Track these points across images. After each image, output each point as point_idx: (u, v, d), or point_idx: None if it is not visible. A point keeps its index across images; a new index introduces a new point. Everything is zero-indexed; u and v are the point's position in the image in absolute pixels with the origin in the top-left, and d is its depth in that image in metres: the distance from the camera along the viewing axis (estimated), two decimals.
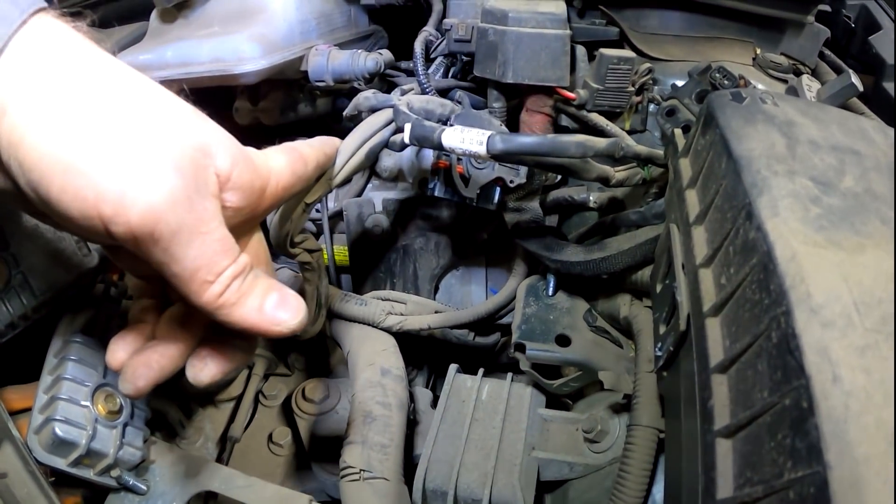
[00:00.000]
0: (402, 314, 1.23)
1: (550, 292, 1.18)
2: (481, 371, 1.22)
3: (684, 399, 0.85)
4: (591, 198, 1.20)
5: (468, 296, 1.39)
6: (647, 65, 1.12)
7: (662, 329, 0.95)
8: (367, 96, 1.15)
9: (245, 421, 1.30)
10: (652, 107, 1.17)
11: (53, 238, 1.08)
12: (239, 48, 1.13)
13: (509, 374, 1.22)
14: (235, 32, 1.15)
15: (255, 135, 1.46)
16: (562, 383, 1.17)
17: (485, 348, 1.34)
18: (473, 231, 1.33)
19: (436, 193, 1.17)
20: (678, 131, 1.02)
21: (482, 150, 0.94)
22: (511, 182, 1.10)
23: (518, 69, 1.05)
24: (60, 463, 0.96)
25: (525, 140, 0.93)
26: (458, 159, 1.11)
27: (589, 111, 1.12)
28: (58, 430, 0.95)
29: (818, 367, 0.54)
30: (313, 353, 1.47)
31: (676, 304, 0.87)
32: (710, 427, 0.71)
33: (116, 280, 1.23)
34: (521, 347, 1.12)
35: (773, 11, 1.18)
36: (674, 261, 0.91)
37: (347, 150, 0.99)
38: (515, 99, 1.14)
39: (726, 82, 1.07)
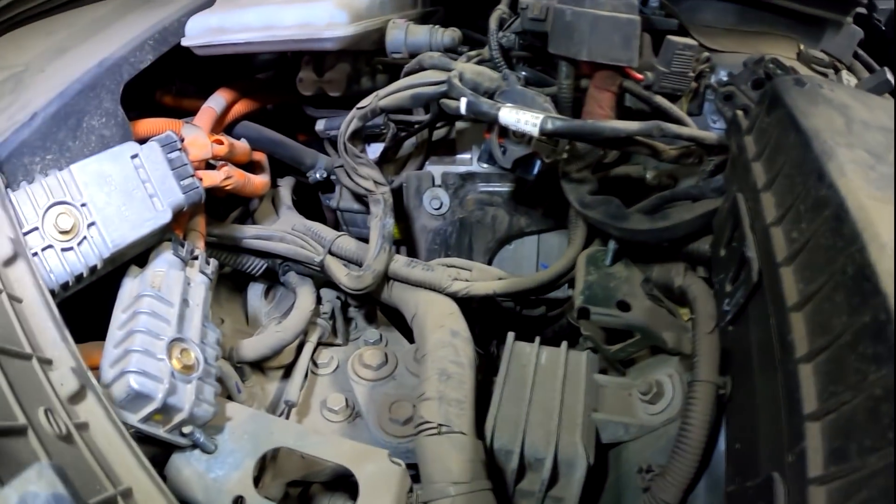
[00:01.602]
0: (467, 280, 1.42)
1: (609, 262, 1.40)
2: (538, 339, 1.42)
3: (757, 343, 1.07)
4: (647, 175, 1.43)
5: (518, 269, 1.59)
6: (706, 53, 1.36)
7: (729, 287, 1.18)
8: (433, 55, 1.38)
9: (300, 386, 1.46)
10: (707, 93, 1.41)
11: (127, 189, 1.22)
12: (327, 14, 1.32)
13: (564, 343, 1.42)
14: None
15: (320, 103, 1.66)
16: (619, 348, 1.37)
17: (531, 319, 1.54)
18: (530, 205, 1.54)
19: (479, 161, 1.39)
20: (740, 113, 1.26)
21: (535, 130, 1.18)
22: (547, 158, 1.31)
23: (593, 48, 1.28)
24: (131, 418, 1.01)
25: (572, 123, 1.21)
26: (499, 131, 1.33)
27: (653, 93, 1.35)
28: (133, 383, 1.02)
29: (892, 287, 0.76)
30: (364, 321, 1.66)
31: (746, 262, 1.10)
32: (790, 357, 0.93)
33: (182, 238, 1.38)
34: (585, 312, 1.33)
35: (817, 10, 1.44)
36: (742, 224, 1.14)
37: (399, 84, 1.28)
38: (583, 76, 1.37)
39: (779, 72, 1.31)
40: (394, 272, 1.43)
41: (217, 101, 1.57)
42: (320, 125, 1.65)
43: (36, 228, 1.11)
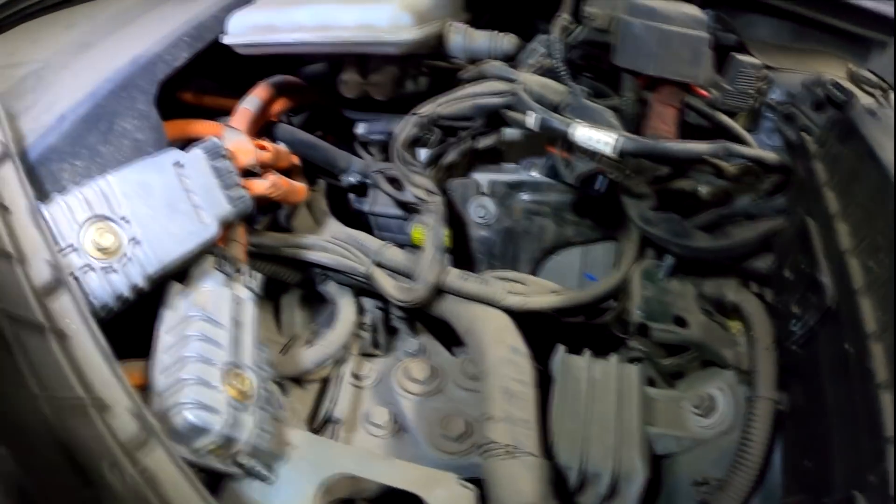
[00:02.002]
0: (522, 294, 1.45)
1: (664, 276, 1.45)
2: (588, 352, 1.47)
3: (829, 364, 1.14)
4: (701, 189, 1.48)
5: (562, 279, 1.63)
6: (766, 72, 1.42)
7: (796, 309, 1.24)
8: (495, 65, 1.40)
9: (346, 401, 1.47)
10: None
11: (170, 201, 1.16)
12: (389, 15, 1.30)
13: (614, 355, 1.47)
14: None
15: (362, 106, 1.65)
16: (673, 362, 1.43)
17: (572, 327, 1.59)
18: (577, 216, 1.58)
19: (542, 175, 1.42)
20: (808, 137, 1.32)
21: (609, 150, 1.22)
22: (613, 175, 1.36)
23: (662, 63, 1.31)
24: (184, 451, 0.96)
25: (646, 145, 1.26)
26: (564, 145, 1.36)
27: (716, 110, 1.40)
28: (190, 417, 0.97)
29: None
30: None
31: (819, 287, 1.16)
32: (870, 383, 1.00)
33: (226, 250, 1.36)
34: (644, 328, 1.38)
35: (866, 31, 1.51)
36: (814, 249, 1.20)
37: (461, 92, 1.34)
38: (647, 89, 1.41)
39: (839, 94, 1.37)
40: (447, 284, 1.45)
41: (252, 101, 1.54)
42: (361, 128, 1.64)
43: (74, 247, 1.05)
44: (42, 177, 1.12)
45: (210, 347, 1.10)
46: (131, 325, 1.13)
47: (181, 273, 1.24)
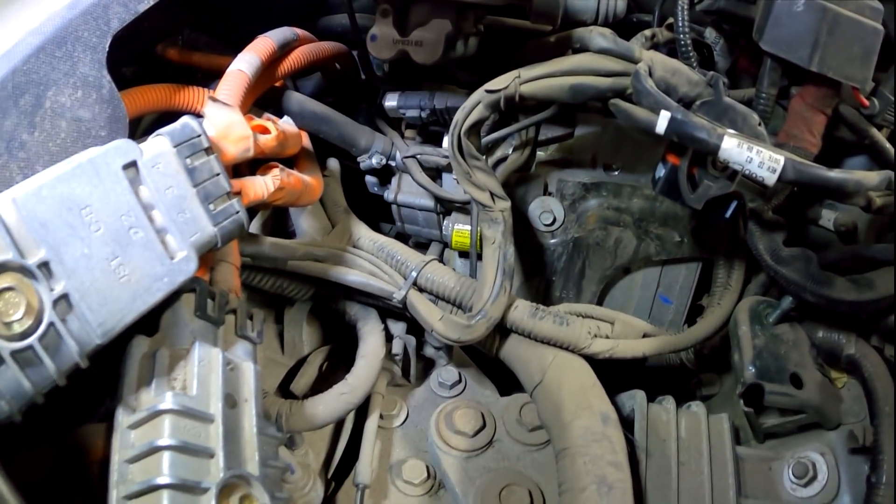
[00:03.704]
0: (607, 336, 1.08)
1: (776, 320, 1.11)
2: (672, 401, 1.14)
3: None
4: (825, 215, 1.13)
5: (630, 301, 1.26)
6: None
7: None
8: (604, 32, 0.95)
9: (371, 459, 1.09)
10: None
11: (119, 227, 0.69)
12: None
13: (700, 404, 1.15)
14: None
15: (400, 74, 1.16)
16: (777, 424, 1.13)
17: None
18: (667, 229, 1.18)
19: (656, 191, 1.02)
20: None
21: (772, 177, 0.84)
22: (751, 202, 1.00)
23: (826, 57, 0.90)
24: None
25: (815, 174, 0.83)
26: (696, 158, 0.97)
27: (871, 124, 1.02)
28: None
29: None
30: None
31: None
32: None
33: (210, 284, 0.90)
34: (758, 391, 1.05)
35: None
36: None
37: (554, 67, 0.91)
38: (792, 85, 1.01)
39: None
40: (514, 323, 1.01)
41: (248, 60, 0.99)
42: (392, 101, 1.14)
43: None
44: None
45: (194, 461, 0.68)
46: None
47: (151, 318, 0.78)
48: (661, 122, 0.83)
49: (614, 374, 1.10)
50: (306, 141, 1.12)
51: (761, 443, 1.16)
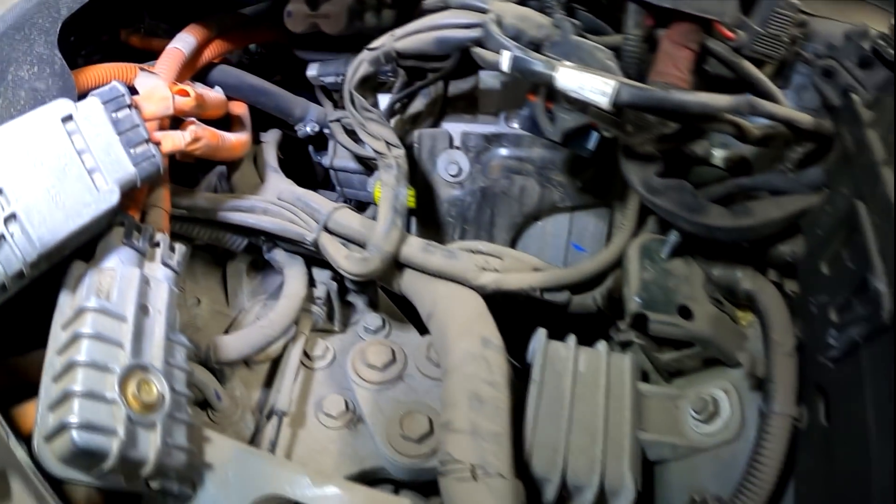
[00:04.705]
0: (496, 270, 1.11)
1: (667, 255, 1.10)
2: (573, 338, 1.15)
3: (873, 398, 0.81)
4: (715, 153, 1.12)
5: (545, 249, 1.28)
6: (803, 17, 1.03)
7: (835, 316, 0.91)
8: None
9: (291, 389, 1.16)
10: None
11: (58, 165, 0.83)
12: None
13: (603, 343, 1.15)
14: None
15: (313, 44, 1.26)
16: (673, 359, 1.11)
17: (554, 305, 1.26)
18: (568, 176, 1.21)
19: (520, 128, 1.06)
20: (856, 98, 0.94)
21: (605, 101, 0.85)
22: (608, 132, 1.00)
23: None
24: (83, 477, 0.76)
25: (653, 95, 0.88)
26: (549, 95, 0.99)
27: (741, 57, 1.02)
28: (77, 439, 0.73)
29: None
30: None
31: (869, 293, 0.82)
32: None
33: (140, 221, 1.02)
34: (642, 320, 1.05)
35: None
36: (866, 244, 0.85)
37: (421, 23, 0.99)
38: (658, 27, 1.02)
39: (891, 51, 0.99)
40: (407, 258, 1.09)
41: (185, 40, 1.14)
42: (312, 70, 1.25)
43: None
44: None
45: (106, 347, 0.81)
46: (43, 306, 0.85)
47: (89, 248, 0.92)
48: (504, 61, 0.90)
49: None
50: (242, 110, 1.21)
51: (668, 382, 1.13)
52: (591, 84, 0.86)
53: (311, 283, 1.26)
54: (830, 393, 0.91)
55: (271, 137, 1.33)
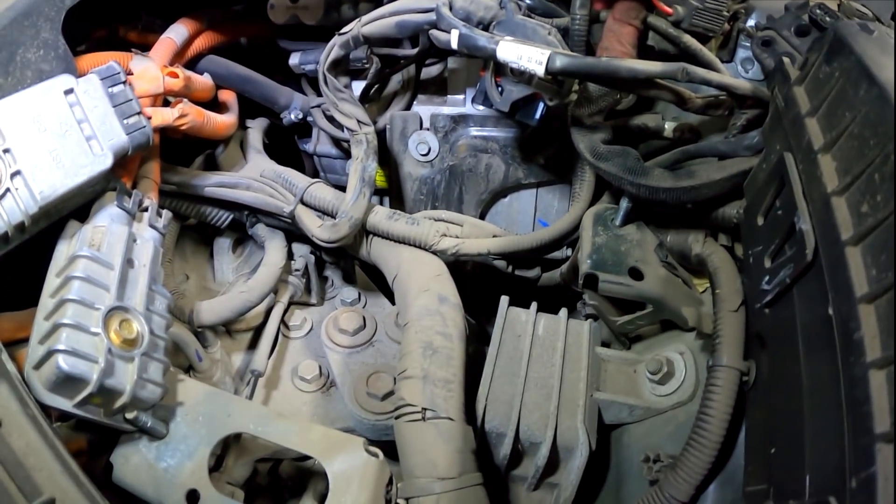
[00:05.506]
0: (457, 237, 1.15)
1: (620, 222, 1.13)
2: (535, 305, 1.17)
3: (806, 333, 0.83)
4: (666, 126, 1.16)
5: (513, 226, 1.33)
6: None
7: (769, 263, 0.93)
8: None
9: (268, 353, 1.20)
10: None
11: (59, 131, 0.92)
12: None
13: (564, 310, 1.18)
14: None
15: (297, 35, 1.33)
16: (627, 321, 1.13)
17: (524, 281, 1.29)
18: (529, 154, 1.25)
19: (474, 102, 1.11)
20: (787, 60, 0.98)
21: (540, 69, 0.90)
22: (550, 100, 1.04)
23: None
24: (65, 404, 0.82)
25: (583, 61, 0.93)
26: (496, 69, 1.04)
27: (682, 31, 1.06)
28: (62, 364, 0.80)
29: None
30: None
31: (797, 235, 0.84)
32: (858, 360, 0.69)
33: (130, 187, 1.09)
34: (592, 279, 1.08)
35: None
36: (792, 190, 0.88)
37: (384, 9, 1.04)
38: (602, 6, 1.07)
39: (828, 19, 1.03)
40: (373, 225, 1.16)
41: (178, 31, 1.24)
42: (294, 59, 1.33)
43: None
44: None
45: (94, 289, 0.88)
46: (38, 271, 0.93)
47: (83, 211, 1.00)
48: (454, 39, 0.97)
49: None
50: (229, 96, 1.28)
51: (628, 348, 1.14)
52: (528, 54, 0.91)
53: (291, 256, 1.30)
54: (768, 340, 0.92)
55: (257, 124, 1.41)
